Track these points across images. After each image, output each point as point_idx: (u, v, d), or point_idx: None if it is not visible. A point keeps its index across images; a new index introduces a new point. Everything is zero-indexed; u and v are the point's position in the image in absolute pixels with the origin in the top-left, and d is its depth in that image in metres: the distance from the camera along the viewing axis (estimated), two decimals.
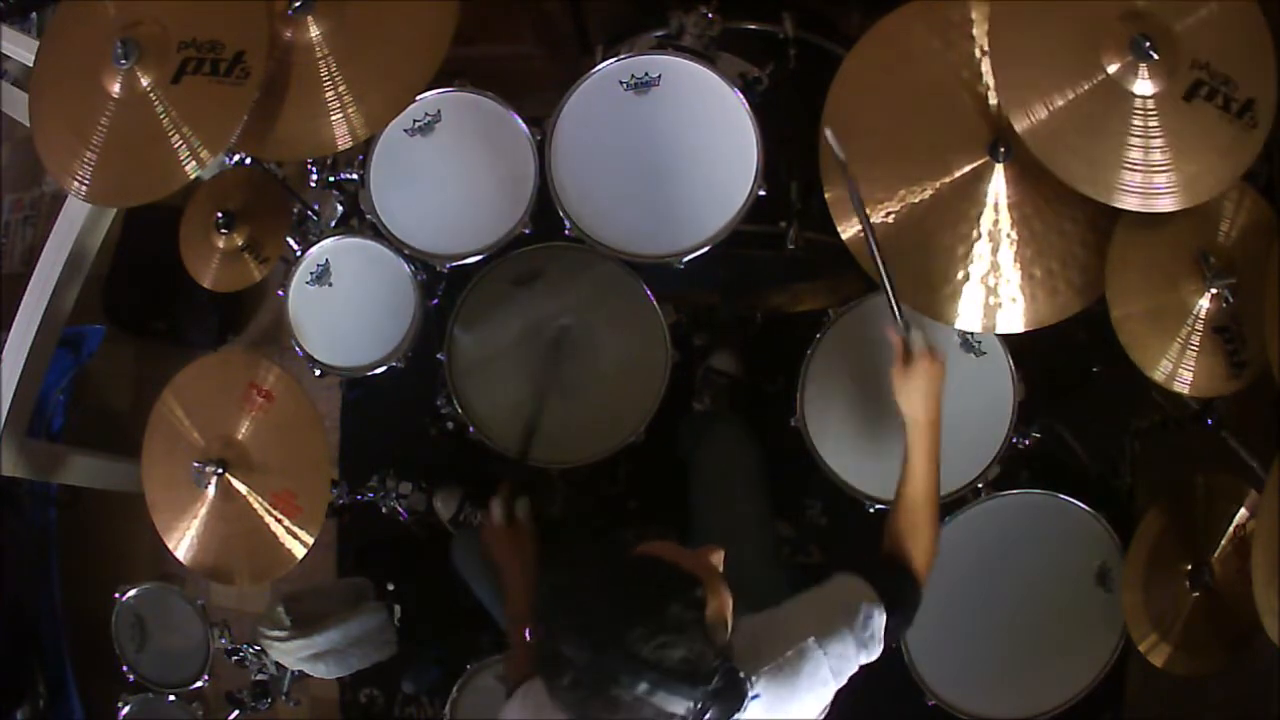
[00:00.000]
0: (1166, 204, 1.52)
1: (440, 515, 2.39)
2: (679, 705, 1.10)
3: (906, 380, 1.51)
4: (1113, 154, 1.48)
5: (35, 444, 2.44)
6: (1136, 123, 1.48)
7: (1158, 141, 1.48)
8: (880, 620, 1.35)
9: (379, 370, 2.02)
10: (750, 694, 1.16)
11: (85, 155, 1.64)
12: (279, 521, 1.82)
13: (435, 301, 2.07)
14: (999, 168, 1.62)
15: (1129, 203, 1.49)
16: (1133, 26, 1.47)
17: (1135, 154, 1.48)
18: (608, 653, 1.10)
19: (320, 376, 2.09)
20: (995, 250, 1.64)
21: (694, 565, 1.20)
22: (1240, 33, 1.51)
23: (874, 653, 1.35)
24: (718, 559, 1.25)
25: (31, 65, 1.88)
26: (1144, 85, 1.47)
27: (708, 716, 1.11)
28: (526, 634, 1.56)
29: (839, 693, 1.35)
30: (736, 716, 1.15)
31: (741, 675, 1.15)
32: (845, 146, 1.49)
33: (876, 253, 1.51)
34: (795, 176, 1.94)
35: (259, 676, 2.22)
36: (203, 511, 1.85)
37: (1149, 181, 1.48)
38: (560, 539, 2.36)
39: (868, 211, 1.66)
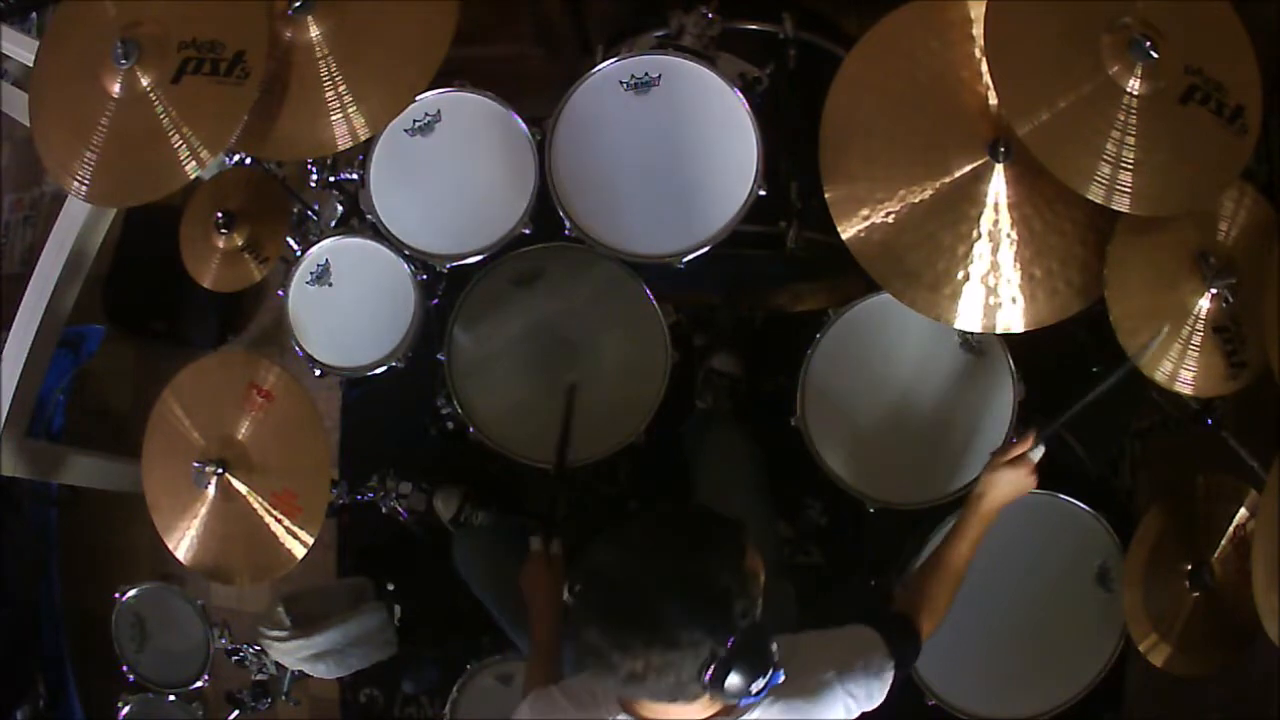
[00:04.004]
0: (1166, 207, 1.52)
1: (440, 515, 2.39)
2: (707, 631, 1.11)
3: (1005, 474, 1.56)
4: (1112, 156, 1.48)
5: (35, 444, 2.44)
6: (1135, 125, 1.48)
7: (1156, 144, 1.48)
8: (890, 676, 1.37)
9: (379, 370, 2.02)
10: (775, 672, 1.17)
11: (85, 155, 1.64)
12: (279, 521, 1.82)
13: (435, 301, 2.07)
14: (999, 168, 1.62)
15: (1128, 205, 1.49)
16: (1127, 28, 1.47)
17: (1134, 156, 1.48)
18: (649, 558, 1.14)
19: (320, 376, 2.09)
20: (995, 250, 1.64)
21: None
22: (1224, 39, 1.53)
23: (877, 702, 1.37)
24: None
25: (31, 65, 1.88)
26: (1142, 87, 1.48)
27: (732, 671, 1.12)
28: (551, 656, 1.58)
29: None
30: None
31: (772, 644, 1.16)
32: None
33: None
34: (795, 176, 1.94)
35: (259, 676, 2.23)
36: (203, 511, 1.85)
37: (1149, 184, 1.49)
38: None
39: (868, 213, 1.67)
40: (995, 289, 1.66)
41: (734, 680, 1.12)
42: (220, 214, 2.05)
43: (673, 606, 1.11)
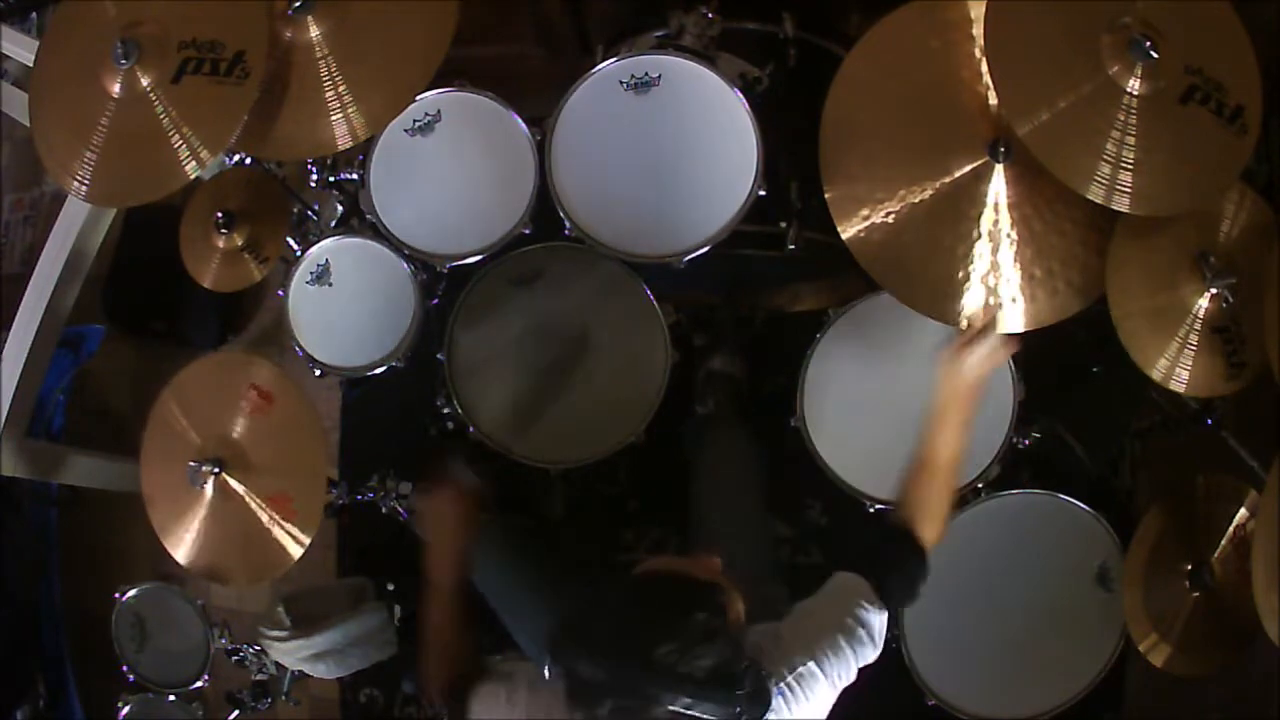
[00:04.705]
0: (1167, 207, 1.52)
1: None
2: (718, 712, 1.10)
3: (972, 354, 1.48)
4: (1112, 156, 1.48)
5: (35, 444, 2.44)
6: (1135, 125, 1.48)
7: (1156, 144, 1.48)
8: (877, 622, 1.34)
9: (379, 370, 2.02)
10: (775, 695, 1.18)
11: (85, 155, 1.64)
12: (276, 523, 1.82)
13: (435, 301, 2.07)
14: (999, 168, 1.62)
15: (1128, 205, 1.49)
16: (1127, 28, 1.47)
17: (1134, 156, 1.48)
18: (642, 672, 1.10)
19: (320, 376, 2.09)
20: (995, 250, 1.64)
21: (705, 573, 1.21)
22: (1224, 40, 1.53)
23: (871, 655, 1.34)
24: (716, 565, 1.26)
25: (31, 65, 1.88)
26: (1142, 87, 1.48)
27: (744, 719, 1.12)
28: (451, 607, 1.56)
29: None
30: None
31: (765, 673, 1.16)
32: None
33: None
34: (795, 176, 1.94)
35: (259, 676, 2.22)
36: (200, 512, 1.85)
37: (1149, 184, 1.49)
38: (560, 541, 2.37)
39: (868, 213, 1.67)
40: (995, 289, 1.66)
41: None
42: (220, 214, 2.05)
43: (683, 701, 1.10)
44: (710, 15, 1.94)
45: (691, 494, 1.93)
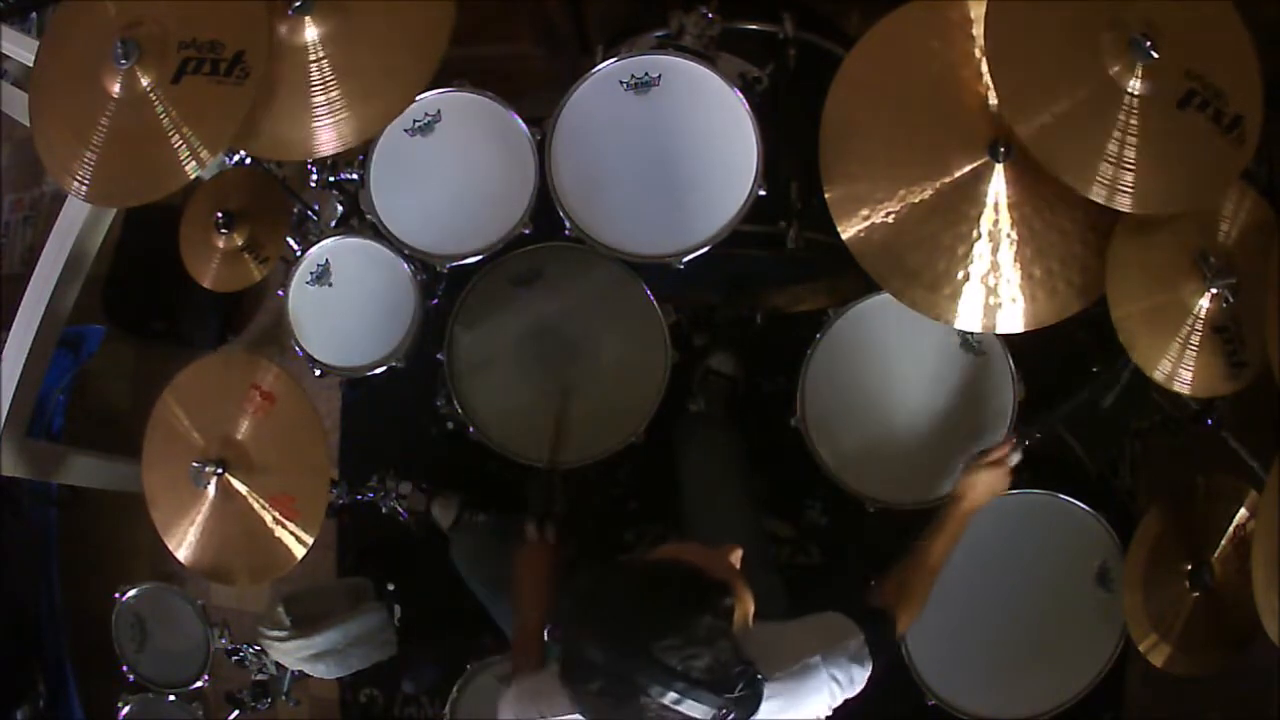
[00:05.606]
0: (1166, 206, 1.53)
1: (439, 524, 2.39)
2: (704, 711, 1.11)
3: (983, 477, 1.67)
4: (1112, 156, 1.48)
5: (35, 444, 2.44)
6: (1134, 125, 1.48)
7: (1153, 144, 1.48)
8: (869, 664, 1.38)
9: (379, 370, 2.03)
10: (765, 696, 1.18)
11: (85, 155, 1.64)
12: (278, 523, 1.82)
13: (435, 301, 2.07)
14: (999, 168, 1.62)
15: (1128, 204, 1.49)
16: (1127, 28, 1.47)
17: (1134, 156, 1.48)
18: (637, 661, 1.11)
19: (320, 376, 2.09)
20: (995, 250, 1.64)
21: (721, 570, 1.22)
22: (1227, 47, 1.53)
23: (858, 688, 1.37)
24: (737, 558, 1.27)
25: (31, 65, 1.88)
26: (1142, 87, 1.48)
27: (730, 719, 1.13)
28: (537, 642, 1.61)
29: None
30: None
31: (760, 677, 1.16)
32: None
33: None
34: (795, 176, 1.94)
35: (259, 676, 2.23)
36: (202, 512, 1.85)
37: (1149, 183, 1.49)
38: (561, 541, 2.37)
39: (868, 213, 1.67)
40: (995, 289, 1.66)
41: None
42: (220, 214, 2.05)
43: (670, 696, 1.11)
44: (710, 15, 1.94)
45: (682, 492, 1.94)
